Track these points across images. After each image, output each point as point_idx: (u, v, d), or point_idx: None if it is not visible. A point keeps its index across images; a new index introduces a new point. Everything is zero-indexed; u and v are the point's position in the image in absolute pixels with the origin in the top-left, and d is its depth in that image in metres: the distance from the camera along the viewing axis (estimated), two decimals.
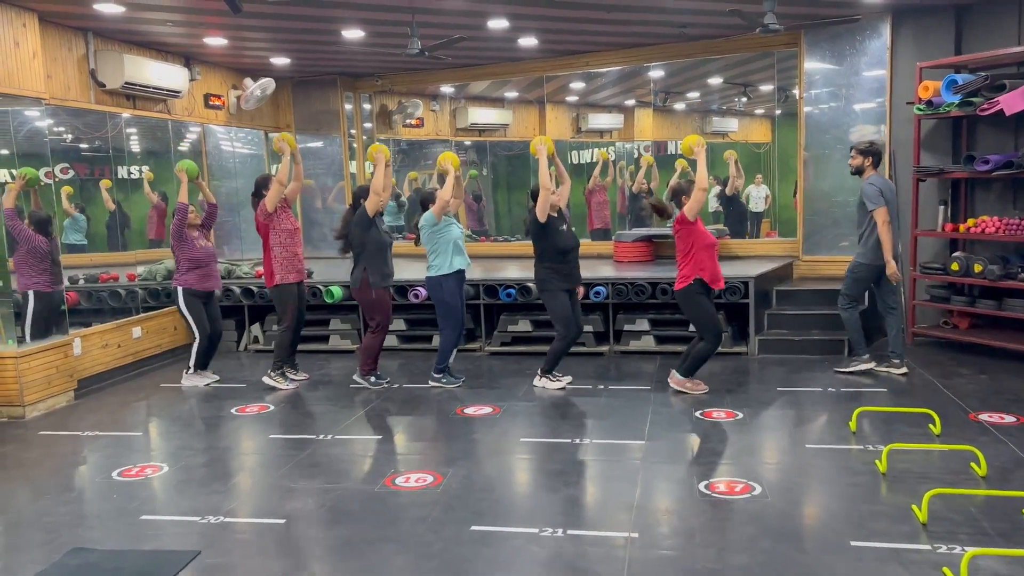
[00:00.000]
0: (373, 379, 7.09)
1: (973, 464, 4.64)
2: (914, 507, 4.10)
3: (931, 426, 5.33)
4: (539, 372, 6.84)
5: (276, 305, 7.32)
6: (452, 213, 6.94)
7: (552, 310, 6.70)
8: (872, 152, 6.67)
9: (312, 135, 11.00)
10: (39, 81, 6.80)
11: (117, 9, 6.77)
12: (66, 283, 7.29)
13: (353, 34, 8.06)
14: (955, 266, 7.47)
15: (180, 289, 7.13)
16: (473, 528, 4.12)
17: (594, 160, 12.99)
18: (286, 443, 5.72)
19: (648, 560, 3.72)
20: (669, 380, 6.57)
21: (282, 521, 4.31)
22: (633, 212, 12.29)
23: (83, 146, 8.19)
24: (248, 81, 9.77)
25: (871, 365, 6.82)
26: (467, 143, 13.88)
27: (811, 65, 8.53)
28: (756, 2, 6.82)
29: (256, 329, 8.99)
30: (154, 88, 8.14)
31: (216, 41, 8.23)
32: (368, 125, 11.66)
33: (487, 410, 6.25)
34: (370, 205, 6.78)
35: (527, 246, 10.80)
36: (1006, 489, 4.35)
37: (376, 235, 6.84)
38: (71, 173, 8.07)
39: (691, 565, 3.66)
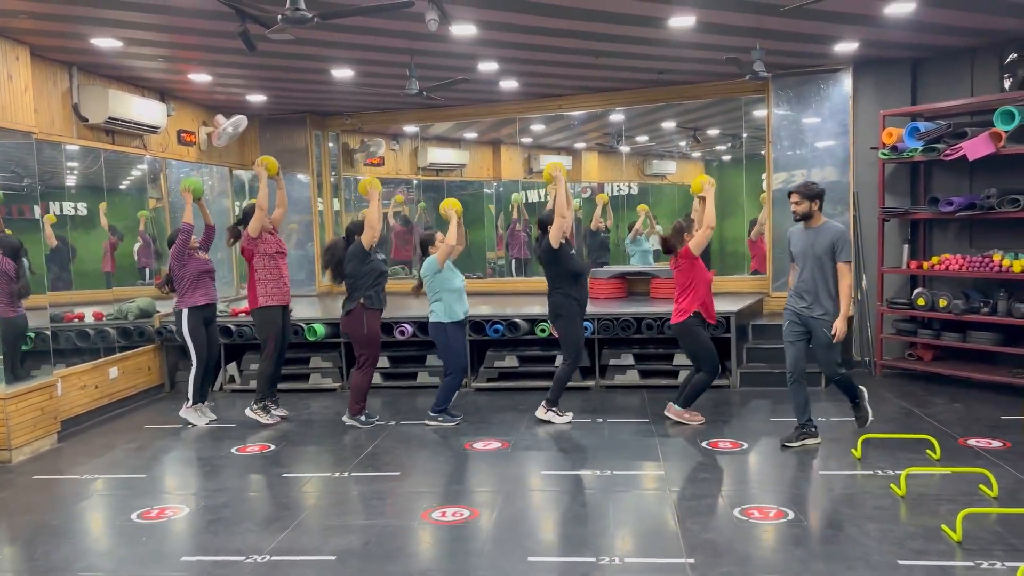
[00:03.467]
0: (364, 418, 7.05)
1: (983, 486, 4.94)
2: (944, 527, 4.35)
3: (929, 451, 5.64)
4: (544, 404, 6.91)
5: (257, 331, 7.27)
6: (454, 258, 7.02)
7: (567, 336, 6.81)
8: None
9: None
10: (30, 115, 6.65)
11: (114, 44, 6.70)
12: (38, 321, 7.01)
13: (343, 74, 8.12)
14: (921, 301, 7.92)
15: (185, 312, 7.01)
16: (531, 559, 4.18)
17: (544, 199, 13.54)
18: (302, 481, 5.66)
19: None
20: (667, 412, 6.76)
21: (332, 558, 4.27)
22: (591, 248, 12.64)
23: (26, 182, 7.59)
24: (220, 118, 9.67)
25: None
26: (414, 182, 14.07)
27: (778, 111, 8.97)
28: (741, 51, 7.20)
29: (232, 368, 8.81)
30: (135, 123, 8.00)
31: (200, 77, 8.16)
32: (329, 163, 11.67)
33: (496, 445, 6.31)
34: (366, 239, 6.82)
35: (486, 283, 11.04)
36: (1019, 507, 4.65)
37: (372, 264, 6.89)
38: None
39: None
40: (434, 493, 5.37)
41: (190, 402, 7.21)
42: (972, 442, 5.98)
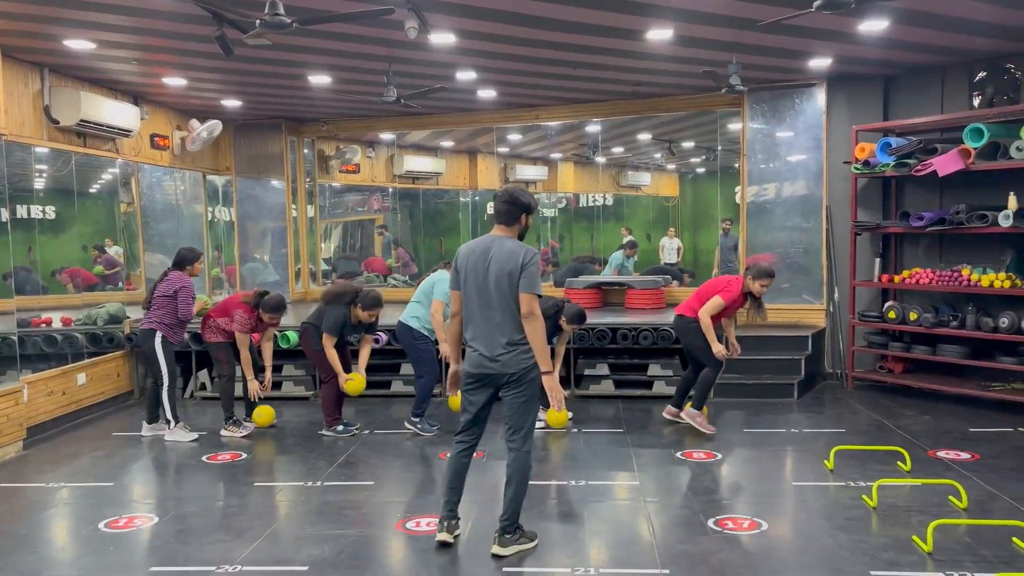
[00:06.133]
0: (341, 427, 7.00)
1: (952, 497, 5.00)
2: (915, 538, 4.39)
3: (900, 463, 5.69)
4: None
5: (212, 357, 7.34)
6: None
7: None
8: None
9: (253, 179, 10.85)
10: (0, 116, 6.54)
11: (87, 45, 6.61)
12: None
13: (320, 80, 8.08)
14: (892, 314, 8.02)
15: (159, 333, 6.92)
16: (505, 569, 4.16)
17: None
18: (275, 490, 5.60)
19: None
20: (683, 414, 6.85)
21: (305, 568, 4.22)
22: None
23: None
24: (195, 122, 9.59)
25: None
26: (390, 190, 14.09)
27: (753, 124, 9.05)
28: (718, 64, 7.26)
29: (203, 375, 8.71)
30: (107, 127, 7.90)
31: (175, 81, 8.08)
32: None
33: None
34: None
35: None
36: (987, 518, 4.71)
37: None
38: None
39: None
40: (408, 503, 5.33)
41: (172, 423, 7.00)
42: (942, 454, 6.04)
